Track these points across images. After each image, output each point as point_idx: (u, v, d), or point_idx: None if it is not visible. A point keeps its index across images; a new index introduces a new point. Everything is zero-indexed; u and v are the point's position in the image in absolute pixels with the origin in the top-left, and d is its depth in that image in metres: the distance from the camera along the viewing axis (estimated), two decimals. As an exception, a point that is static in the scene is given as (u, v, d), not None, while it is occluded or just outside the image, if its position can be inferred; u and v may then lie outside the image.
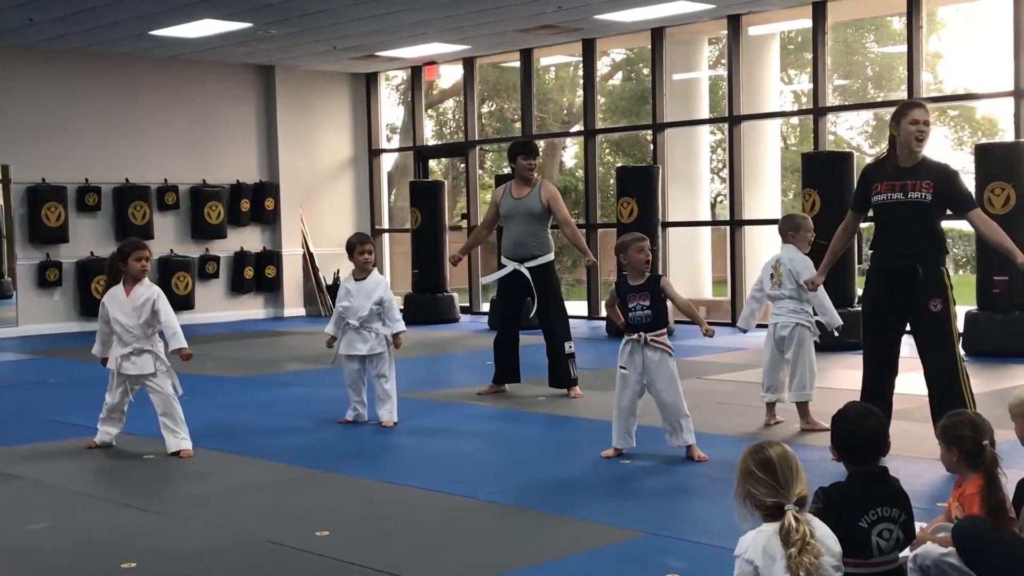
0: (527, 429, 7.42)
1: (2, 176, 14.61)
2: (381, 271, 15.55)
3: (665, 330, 6.22)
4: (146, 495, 5.74)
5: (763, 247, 14.81)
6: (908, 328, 6.02)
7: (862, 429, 3.66)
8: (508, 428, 7.51)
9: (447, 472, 6.09)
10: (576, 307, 15.72)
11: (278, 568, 4.48)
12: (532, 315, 8.68)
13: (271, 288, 16.26)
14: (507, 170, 12.26)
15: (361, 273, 7.53)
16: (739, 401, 8.11)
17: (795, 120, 24.60)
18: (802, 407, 7.01)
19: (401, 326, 7.49)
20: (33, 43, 13.76)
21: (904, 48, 12.43)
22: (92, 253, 14.48)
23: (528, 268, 8.54)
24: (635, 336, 6.18)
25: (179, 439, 6.64)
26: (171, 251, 15.21)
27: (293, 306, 16.43)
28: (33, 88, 14.22)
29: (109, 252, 14.96)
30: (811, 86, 13.33)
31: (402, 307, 14.90)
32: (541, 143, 19.77)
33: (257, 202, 15.97)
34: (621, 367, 6.26)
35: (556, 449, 6.78)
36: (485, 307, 15.14)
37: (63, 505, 5.60)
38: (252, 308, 16.11)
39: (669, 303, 6.36)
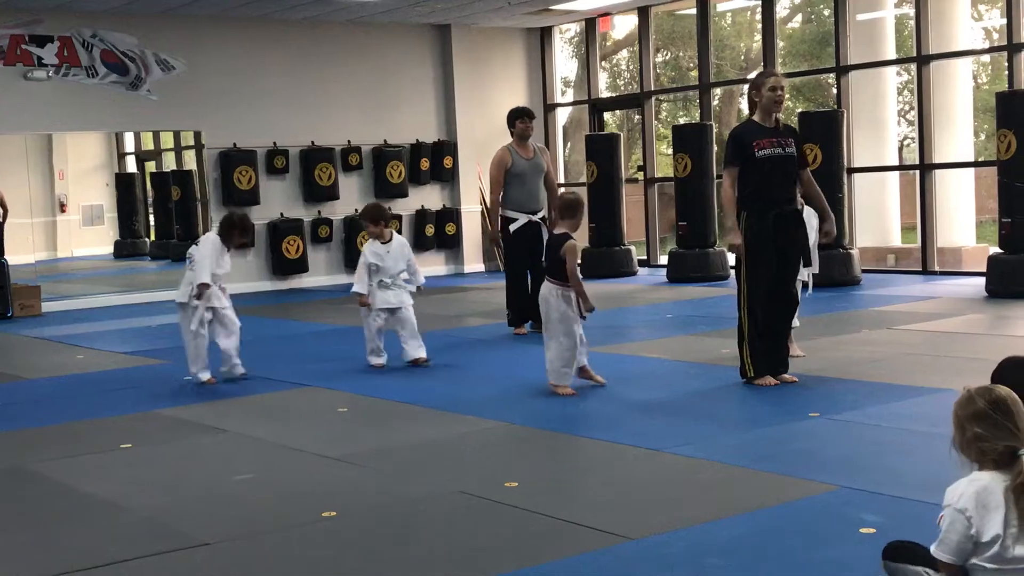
0: (710, 382, 7.33)
1: (195, 142, 15.24)
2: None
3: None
4: (342, 447, 5.94)
5: (954, 191, 14.26)
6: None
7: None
8: (692, 381, 7.44)
9: (633, 425, 6.10)
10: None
11: (471, 518, 4.58)
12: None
13: (451, 245, 16.52)
14: (684, 120, 12.10)
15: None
16: (931, 351, 7.86)
17: (986, 58, 23.45)
18: None
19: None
20: (221, 11, 14.25)
21: (1109, -24, 11.69)
22: (282, 215, 14.97)
23: (540, 219, 9.99)
24: None
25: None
26: (356, 210, 15.58)
27: (473, 262, 16.67)
28: (222, 56, 14.75)
29: (297, 214, 15.48)
30: (1004, 21, 12.69)
31: (580, 261, 14.94)
32: (718, 91, 19.41)
33: (436, 161, 16.21)
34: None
35: (742, 402, 6.71)
36: (663, 259, 15.03)
37: (265, 457, 5.86)
38: (434, 265, 16.40)
39: None
